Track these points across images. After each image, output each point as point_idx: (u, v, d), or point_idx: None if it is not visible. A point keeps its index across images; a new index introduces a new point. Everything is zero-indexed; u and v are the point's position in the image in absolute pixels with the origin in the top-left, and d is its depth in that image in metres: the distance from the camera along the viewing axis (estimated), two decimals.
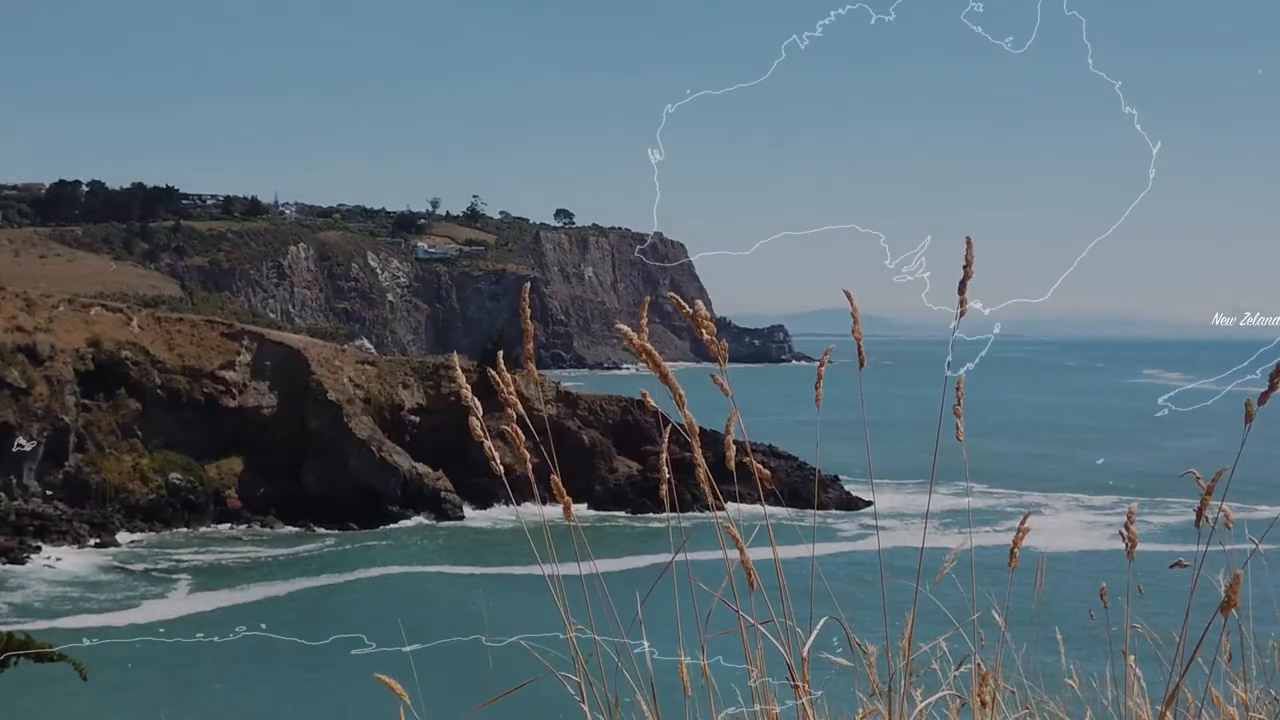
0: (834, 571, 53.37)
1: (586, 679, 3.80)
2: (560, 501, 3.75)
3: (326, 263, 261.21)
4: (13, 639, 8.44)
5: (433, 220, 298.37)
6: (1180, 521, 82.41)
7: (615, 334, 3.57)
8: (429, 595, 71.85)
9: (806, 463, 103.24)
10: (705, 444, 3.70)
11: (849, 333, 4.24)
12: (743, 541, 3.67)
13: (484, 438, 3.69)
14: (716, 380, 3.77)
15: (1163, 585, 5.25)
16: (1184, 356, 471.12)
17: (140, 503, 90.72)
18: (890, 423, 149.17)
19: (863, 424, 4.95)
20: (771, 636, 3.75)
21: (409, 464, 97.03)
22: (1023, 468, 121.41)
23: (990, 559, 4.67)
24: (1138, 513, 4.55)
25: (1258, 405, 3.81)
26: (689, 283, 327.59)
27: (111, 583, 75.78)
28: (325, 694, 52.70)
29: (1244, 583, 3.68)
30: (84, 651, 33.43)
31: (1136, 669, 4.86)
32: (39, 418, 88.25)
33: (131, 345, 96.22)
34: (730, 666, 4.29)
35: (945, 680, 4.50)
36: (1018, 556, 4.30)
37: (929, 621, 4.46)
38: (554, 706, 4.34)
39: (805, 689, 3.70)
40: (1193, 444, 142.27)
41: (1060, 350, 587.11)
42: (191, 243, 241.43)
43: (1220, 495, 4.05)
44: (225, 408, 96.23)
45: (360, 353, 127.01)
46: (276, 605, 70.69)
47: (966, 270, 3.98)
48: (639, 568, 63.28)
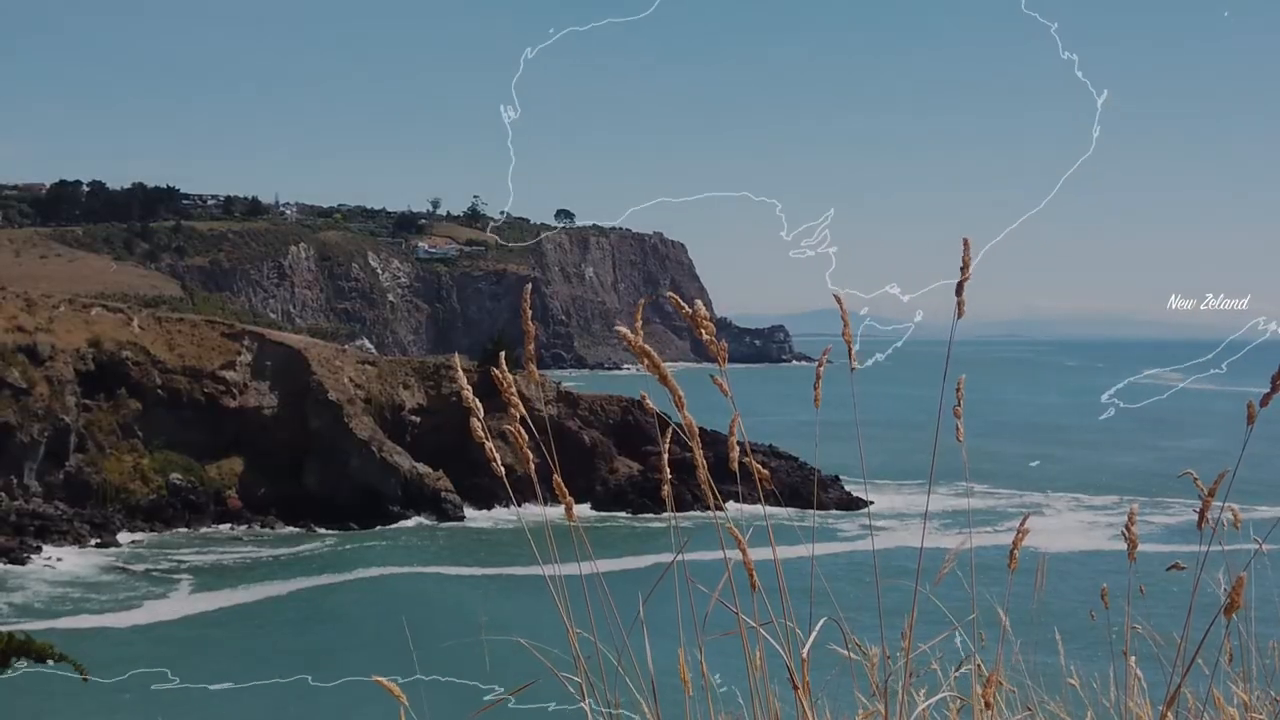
0: (834, 572, 53.09)
1: (587, 679, 3.80)
2: (563, 502, 3.74)
3: (327, 263, 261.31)
4: (13, 639, 8.42)
5: (433, 220, 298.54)
6: (1179, 522, 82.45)
7: (616, 334, 3.60)
8: (429, 596, 71.86)
9: (807, 463, 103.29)
10: (705, 444, 3.70)
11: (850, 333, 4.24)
12: (744, 542, 3.67)
13: (486, 438, 3.69)
14: (716, 381, 3.77)
15: (1162, 586, 5.25)
16: (1186, 355, 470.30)
17: (141, 503, 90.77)
18: (890, 423, 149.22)
19: (855, 425, 4.96)
20: (771, 638, 3.74)
21: (409, 464, 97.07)
22: (1022, 468, 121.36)
23: (990, 559, 4.67)
24: (1137, 513, 4.55)
25: (1259, 406, 3.81)
26: (689, 282, 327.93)
27: (112, 583, 75.79)
28: (327, 695, 52.69)
29: (1246, 584, 3.68)
30: (84, 652, 33.46)
31: (1137, 670, 4.86)
32: (40, 418, 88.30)
33: (132, 345, 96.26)
34: (730, 667, 4.29)
35: (946, 681, 4.50)
36: (1018, 557, 4.30)
37: (929, 622, 4.46)
38: (555, 708, 4.34)
39: (805, 690, 3.70)
40: (1192, 444, 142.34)
41: (1060, 350, 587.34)
42: (192, 243, 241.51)
43: (1223, 496, 4.05)
44: (226, 408, 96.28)
45: (361, 353, 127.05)
46: (277, 606, 70.68)
47: (964, 272, 3.98)
48: (640, 567, 63.31)
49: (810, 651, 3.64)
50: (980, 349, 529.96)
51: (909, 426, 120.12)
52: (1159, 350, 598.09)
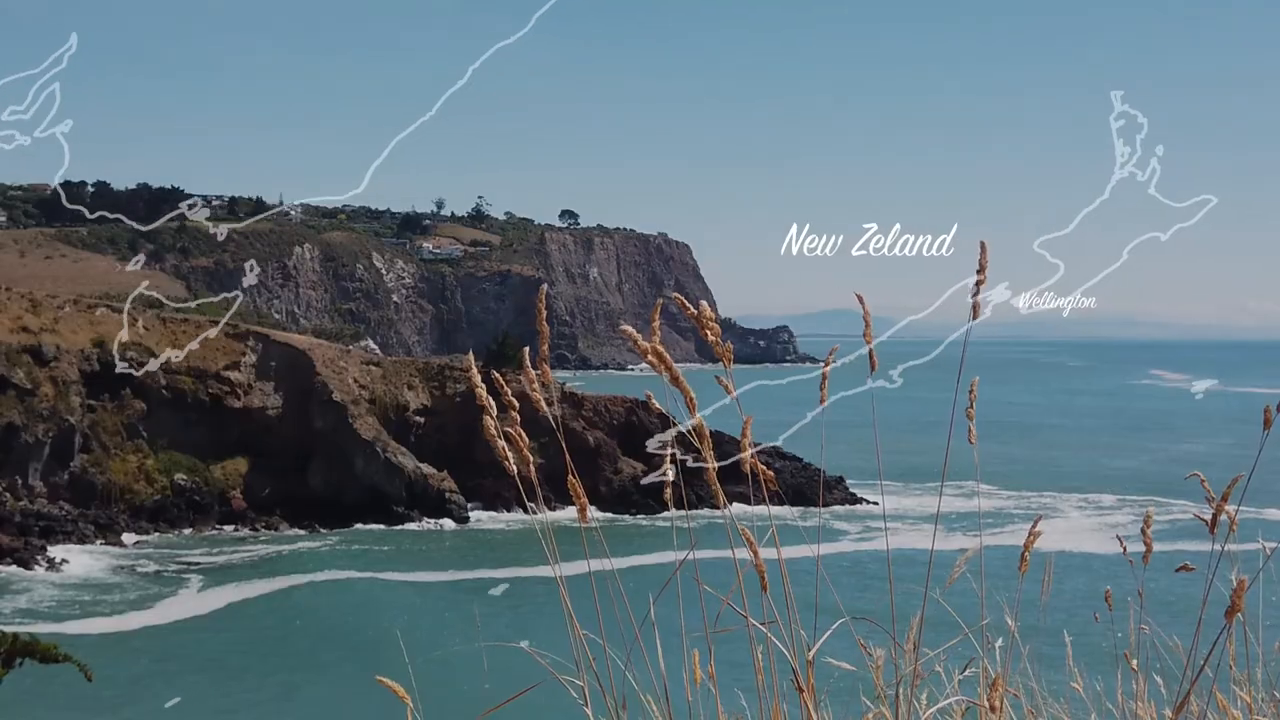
0: (839, 573, 53.28)
1: (595, 681, 3.78)
2: (577, 503, 3.73)
3: (332, 263, 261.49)
4: (18, 640, 8.41)
5: (437, 221, 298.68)
6: (1186, 524, 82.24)
7: (620, 334, 3.60)
8: (432, 597, 71.87)
9: (811, 463, 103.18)
10: (711, 445, 3.69)
11: (853, 333, 4.22)
12: (756, 544, 3.65)
13: (498, 437, 3.69)
14: (721, 382, 3.76)
15: (1166, 588, 5.23)
16: (1189, 358, 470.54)
17: (145, 503, 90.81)
18: (892, 425, 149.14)
19: (852, 426, 4.94)
20: (776, 640, 3.73)
21: (414, 465, 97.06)
22: (1028, 469, 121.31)
23: (998, 562, 4.65)
24: (1153, 516, 4.53)
25: (1276, 413, 3.79)
26: (694, 283, 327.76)
27: (117, 584, 75.84)
28: (331, 697, 52.72)
29: (1254, 586, 3.66)
30: (90, 653, 33.42)
31: (1142, 674, 4.84)
32: (44, 418, 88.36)
33: (136, 346, 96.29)
34: (736, 669, 4.27)
35: (950, 684, 4.48)
36: (1028, 560, 4.28)
37: (936, 625, 4.44)
38: (560, 710, 4.32)
39: (810, 693, 3.68)
40: (1197, 447, 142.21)
41: (1063, 350, 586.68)
42: (197, 243, 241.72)
43: (1237, 500, 4.03)
44: (230, 408, 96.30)
45: (365, 353, 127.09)
46: (280, 607, 70.64)
47: (980, 275, 3.98)
48: (645, 565, 63.15)
49: (815, 654, 3.63)
50: (984, 350, 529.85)
51: (912, 428, 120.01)
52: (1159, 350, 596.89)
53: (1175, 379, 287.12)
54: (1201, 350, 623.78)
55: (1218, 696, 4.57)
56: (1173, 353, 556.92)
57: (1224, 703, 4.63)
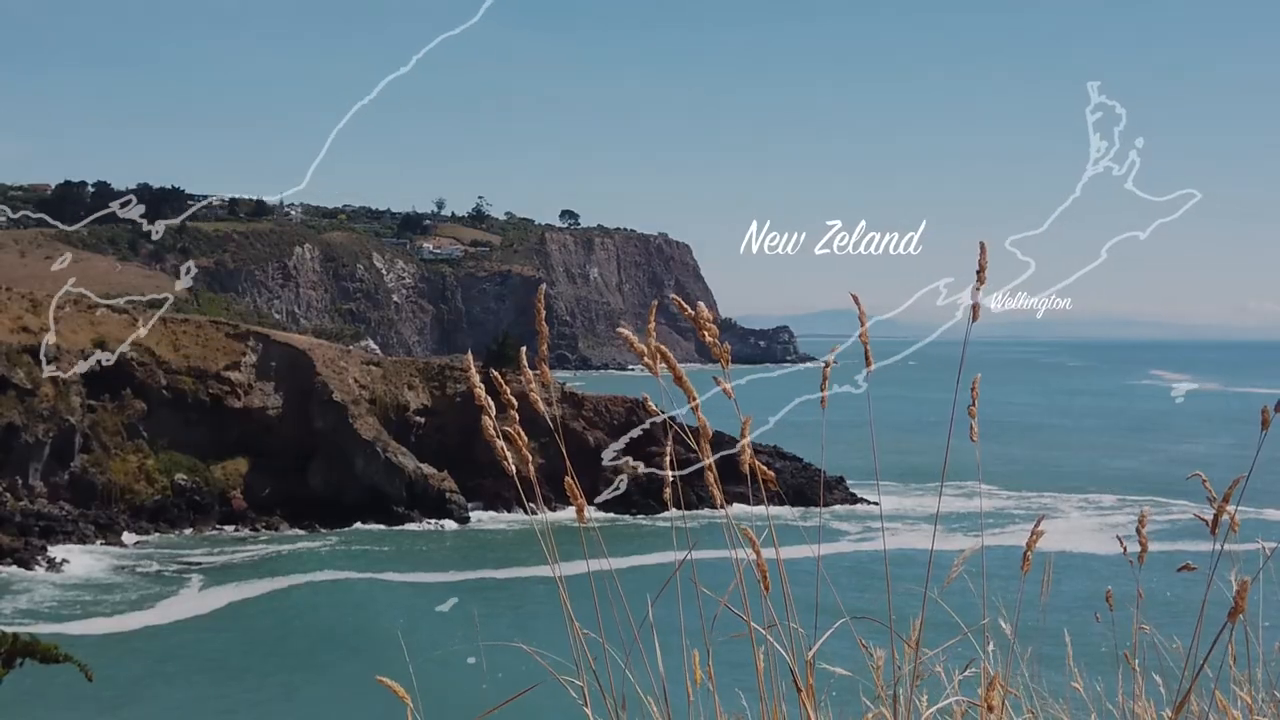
0: (839, 574, 53.25)
1: (595, 681, 3.77)
2: (575, 503, 3.73)
3: (332, 264, 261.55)
4: (18, 640, 8.39)
5: (438, 221, 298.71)
6: (1186, 524, 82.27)
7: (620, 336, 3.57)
8: (433, 597, 71.82)
9: (811, 463, 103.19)
10: (712, 445, 3.69)
11: (854, 334, 4.22)
12: (758, 544, 3.65)
13: (497, 437, 3.68)
14: (720, 382, 3.76)
15: (1166, 588, 5.23)
16: (1189, 358, 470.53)
17: (146, 503, 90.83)
18: (892, 425, 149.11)
19: (851, 427, 4.94)
20: (775, 641, 3.72)
21: (414, 465, 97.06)
22: (1028, 469, 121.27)
23: (998, 562, 4.64)
24: (1148, 517, 4.52)
25: (1275, 413, 3.78)
26: (694, 283, 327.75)
27: (117, 584, 75.84)
28: (331, 697, 52.72)
29: (1255, 586, 3.66)
30: (90, 653, 33.39)
31: (1142, 674, 4.84)
32: (45, 418, 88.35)
33: (137, 346, 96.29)
34: (735, 669, 4.27)
35: (950, 684, 4.47)
36: (1030, 560, 4.28)
37: (936, 625, 4.43)
38: (560, 710, 4.32)
39: (809, 693, 3.68)
40: (1197, 448, 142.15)
41: (1063, 351, 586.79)
42: (197, 244, 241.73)
43: (1237, 500, 4.02)
44: (231, 408, 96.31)
45: (365, 353, 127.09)
46: (280, 607, 70.65)
47: (980, 275, 3.97)
48: (644, 565, 63.15)
49: (815, 655, 3.62)
50: (983, 350, 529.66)
51: (912, 428, 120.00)
52: (1160, 351, 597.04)
53: (1175, 379, 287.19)
54: (1202, 350, 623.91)
55: (1218, 696, 4.57)
56: (1173, 353, 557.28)
57: (1224, 703, 4.63)
